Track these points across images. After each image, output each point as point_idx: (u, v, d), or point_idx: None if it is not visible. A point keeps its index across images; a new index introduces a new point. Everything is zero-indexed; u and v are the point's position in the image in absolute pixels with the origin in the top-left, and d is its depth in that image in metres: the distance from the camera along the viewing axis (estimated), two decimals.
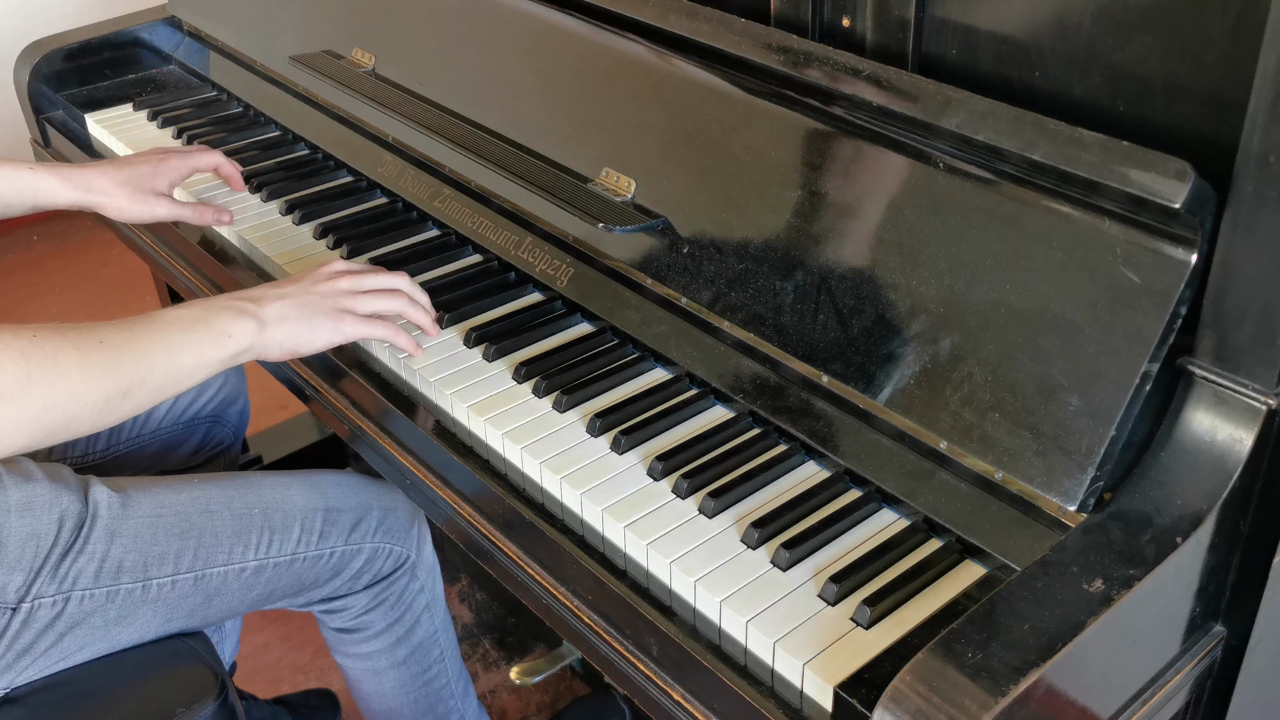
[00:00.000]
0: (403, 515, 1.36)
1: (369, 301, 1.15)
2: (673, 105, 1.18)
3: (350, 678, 1.45)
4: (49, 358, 0.95)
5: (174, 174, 1.41)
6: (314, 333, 1.12)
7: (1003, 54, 1.03)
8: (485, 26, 1.40)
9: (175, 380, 1.04)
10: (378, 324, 1.15)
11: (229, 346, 1.07)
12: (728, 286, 1.08)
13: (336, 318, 1.12)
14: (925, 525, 0.94)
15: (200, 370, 1.06)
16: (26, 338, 0.95)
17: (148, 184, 1.38)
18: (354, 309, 1.14)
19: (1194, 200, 0.81)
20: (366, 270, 1.18)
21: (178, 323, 1.05)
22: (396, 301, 1.17)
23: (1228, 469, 0.83)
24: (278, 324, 1.10)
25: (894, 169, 1.01)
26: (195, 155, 1.45)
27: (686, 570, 0.91)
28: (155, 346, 1.03)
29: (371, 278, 1.17)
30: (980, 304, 0.93)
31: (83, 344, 0.98)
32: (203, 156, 1.45)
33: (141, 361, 1.01)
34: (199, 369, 1.06)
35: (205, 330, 1.06)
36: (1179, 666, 0.90)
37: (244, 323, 1.08)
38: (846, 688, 0.80)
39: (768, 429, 1.05)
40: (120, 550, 1.14)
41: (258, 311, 1.09)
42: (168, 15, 1.87)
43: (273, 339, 1.10)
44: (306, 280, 1.15)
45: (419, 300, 1.19)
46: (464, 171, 1.36)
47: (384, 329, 1.15)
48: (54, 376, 0.95)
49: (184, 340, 1.04)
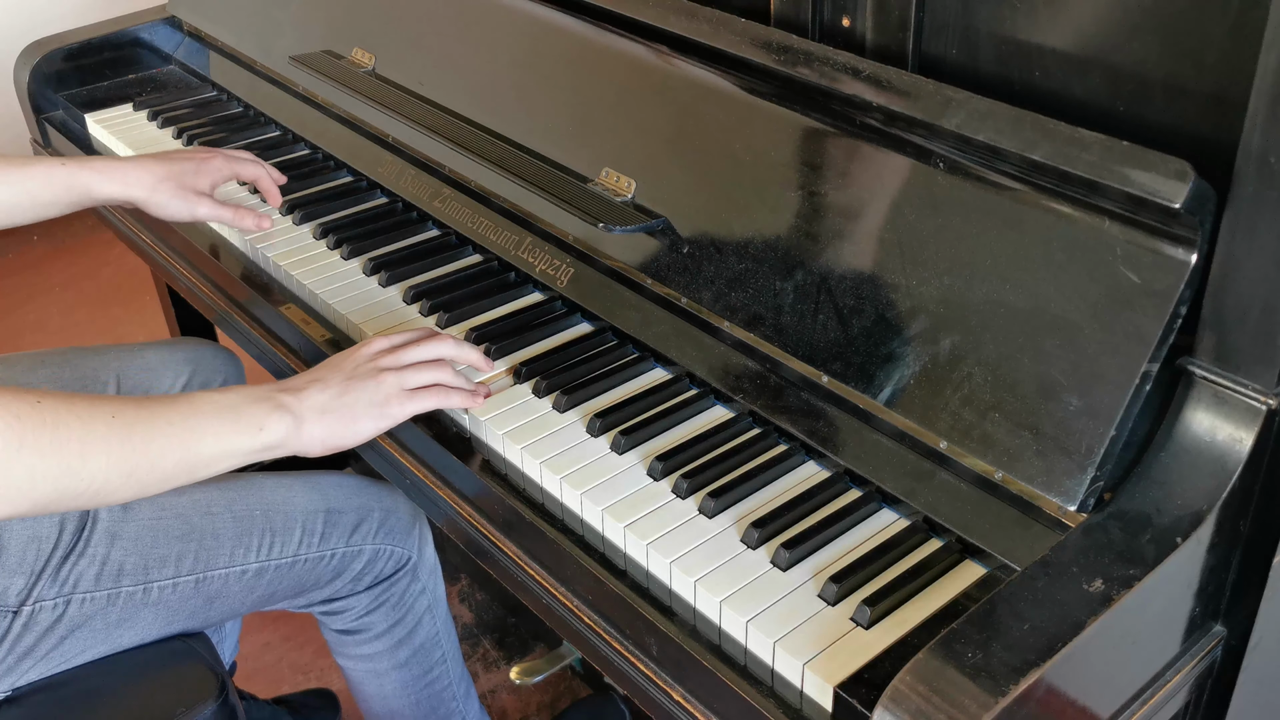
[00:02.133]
0: (404, 516, 1.36)
1: (414, 377, 1.08)
2: (673, 105, 1.18)
3: (352, 679, 1.45)
4: (48, 425, 0.88)
5: (217, 174, 1.38)
6: (357, 423, 1.05)
7: (1003, 54, 1.03)
8: (485, 26, 1.40)
9: (191, 468, 0.97)
10: (424, 395, 1.08)
11: (259, 439, 1.00)
12: (728, 286, 1.08)
13: (381, 404, 1.05)
14: (925, 525, 0.94)
15: (223, 460, 0.99)
16: (29, 402, 0.88)
17: (189, 182, 1.35)
18: (399, 385, 1.07)
19: (1194, 200, 0.81)
20: (407, 343, 1.10)
21: (206, 406, 0.99)
22: (441, 374, 1.09)
23: (1228, 469, 0.83)
24: (316, 419, 1.03)
25: (894, 169, 1.01)
26: (241, 162, 1.41)
27: (686, 570, 0.91)
28: (173, 429, 0.95)
29: (412, 350, 1.09)
30: (980, 304, 0.93)
31: (89, 416, 0.91)
32: (248, 166, 1.41)
33: (152, 442, 0.94)
34: (221, 458, 0.99)
35: (233, 419, 0.99)
36: (1179, 666, 0.90)
37: (279, 417, 1.01)
38: (846, 688, 0.80)
39: (768, 429, 1.05)
40: (121, 553, 1.14)
41: (295, 405, 1.02)
42: (168, 15, 1.87)
43: (311, 436, 1.03)
44: (347, 365, 1.08)
45: (464, 357, 1.13)
46: (464, 171, 1.36)
47: (432, 398, 1.08)
48: (49, 447, 0.88)
49: (208, 426, 0.97)
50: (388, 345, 1.10)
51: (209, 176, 1.37)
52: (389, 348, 1.10)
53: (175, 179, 1.34)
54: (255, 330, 1.38)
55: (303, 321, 1.29)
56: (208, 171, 1.37)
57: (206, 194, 1.37)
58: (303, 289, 1.32)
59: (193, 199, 1.35)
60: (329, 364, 1.09)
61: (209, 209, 1.36)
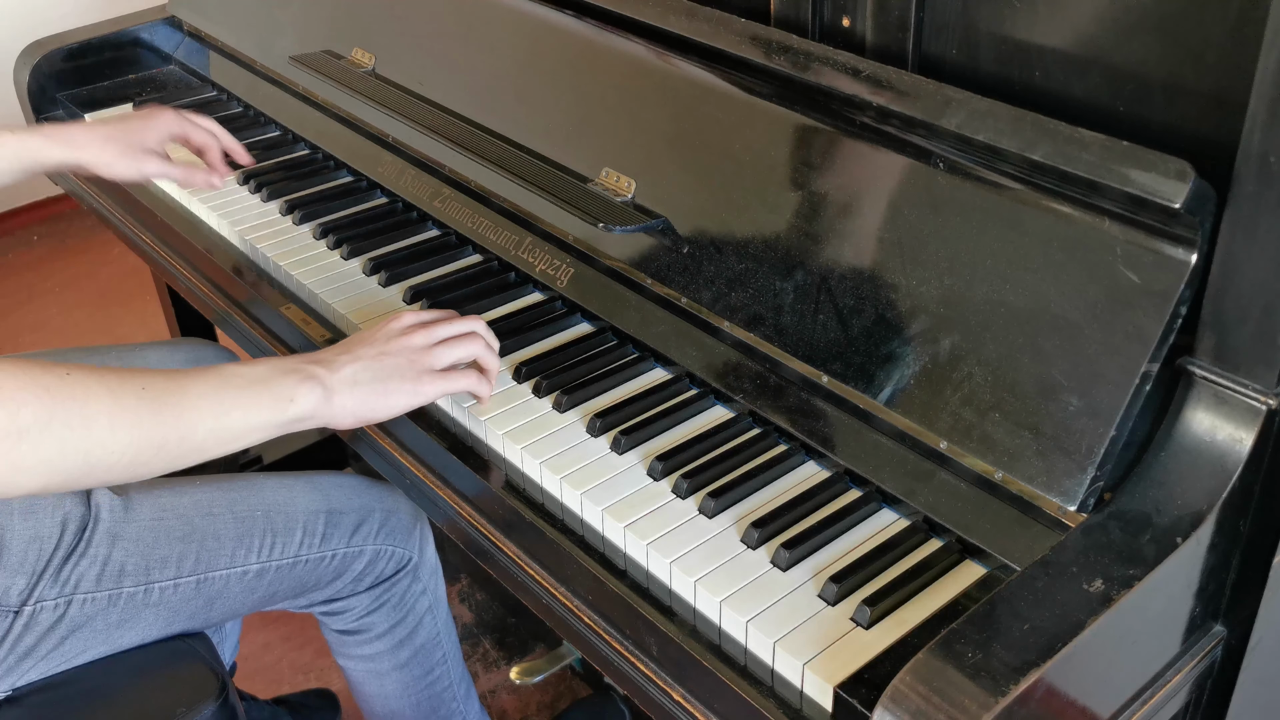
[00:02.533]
0: (405, 517, 1.36)
1: (446, 354, 1.06)
2: (672, 105, 1.18)
3: (353, 680, 1.45)
4: (78, 398, 0.88)
5: (164, 131, 1.38)
6: (390, 398, 1.03)
7: (1003, 54, 1.03)
8: (485, 26, 1.40)
9: (221, 441, 0.96)
10: (457, 377, 1.07)
11: (289, 411, 0.98)
12: (728, 286, 1.08)
13: (415, 379, 1.04)
14: (925, 525, 0.94)
15: (253, 433, 0.97)
16: (58, 375, 0.88)
17: (136, 140, 1.35)
18: (432, 365, 1.05)
19: (1194, 200, 0.81)
20: (439, 319, 1.09)
21: (234, 379, 0.97)
22: (474, 346, 1.08)
23: (1228, 469, 0.83)
24: (348, 391, 1.01)
25: (894, 169, 1.01)
26: (190, 124, 1.41)
27: (686, 570, 0.91)
28: (204, 402, 0.94)
29: (445, 326, 1.08)
30: (980, 304, 0.93)
31: (120, 389, 0.90)
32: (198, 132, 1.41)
33: (184, 415, 0.93)
34: (251, 431, 0.97)
35: (263, 391, 0.98)
36: (1179, 666, 0.90)
37: (309, 388, 0.99)
38: (846, 688, 0.80)
39: (768, 429, 1.05)
40: (122, 553, 1.14)
41: (327, 377, 1.01)
42: (168, 15, 1.87)
43: (343, 407, 1.01)
44: (379, 338, 1.06)
45: (493, 344, 1.12)
46: (464, 171, 1.36)
47: (465, 381, 1.07)
48: (79, 420, 0.88)
49: (237, 399, 0.96)
50: (416, 319, 1.08)
51: (156, 133, 1.37)
52: (419, 322, 1.08)
53: (121, 138, 1.34)
54: (255, 330, 1.38)
55: (303, 321, 1.29)
56: (155, 128, 1.37)
57: (155, 151, 1.36)
58: (302, 289, 1.32)
59: (140, 157, 1.35)
60: (359, 337, 1.07)
61: (157, 167, 1.36)
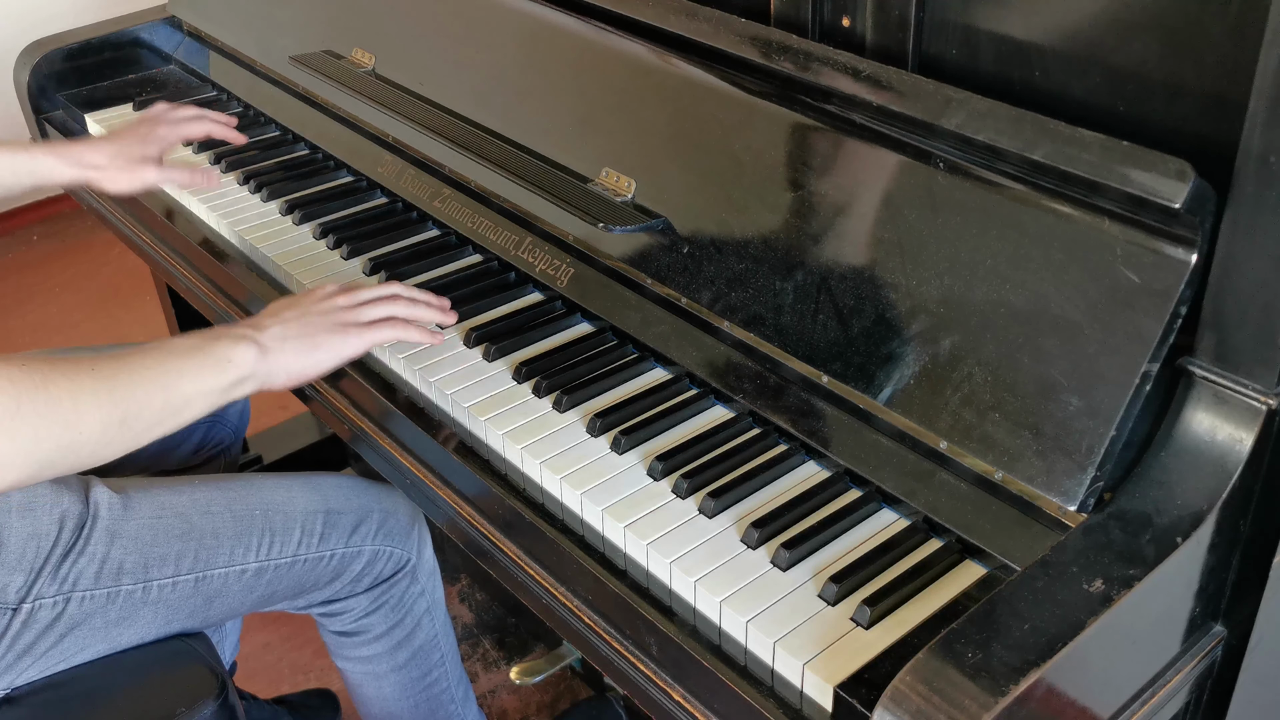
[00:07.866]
0: (403, 518, 1.36)
1: (369, 310, 1.14)
2: (672, 105, 1.18)
3: (350, 681, 1.45)
4: (38, 385, 0.93)
5: (163, 142, 1.45)
6: (319, 351, 1.10)
7: (1003, 54, 1.03)
8: (485, 26, 1.40)
9: (174, 409, 1.02)
10: (383, 327, 1.14)
11: (230, 373, 1.05)
12: (727, 286, 1.08)
13: (341, 331, 1.11)
14: (925, 525, 0.94)
15: (201, 399, 1.03)
16: (15, 365, 0.93)
17: (138, 153, 1.42)
18: (355, 319, 1.13)
19: (1194, 200, 0.81)
20: (359, 285, 1.17)
21: (175, 350, 1.03)
22: (395, 305, 1.16)
23: (1228, 469, 0.83)
24: (279, 346, 1.08)
25: (894, 169, 1.01)
26: (183, 124, 1.48)
27: (686, 570, 0.91)
28: (150, 374, 1.00)
29: (365, 291, 1.16)
30: (980, 304, 0.93)
31: (72, 372, 0.96)
32: (191, 125, 1.49)
33: (136, 389, 0.99)
34: (199, 397, 1.03)
35: (202, 357, 1.04)
36: (1179, 666, 0.90)
37: (243, 348, 1.06)
38: (846, 688, 0.80)
39: (768, 429, 1.05)
40: (121, 551, 1.14)
41: (257, 336, 1.07)
42: (168, 15, 1.87)
43: (277, 363, 1.08)
44: (303, 302, 1.14)
45: (419, 298, 1.19)
46: (464, 171, 1.36)
47: (391, 331, 1.14)
48: (44, 404, 0.92)
49: (181, 367, 1.02)
50: (337, 287, 1.16)
51: (157, 146, 1.44)
52: (341, 288, 1.16)
53: (125, 155, 1.41)
54: None
55: None
56: (155, 141, 1.44)
57: (153, 160, 1.43)
58: (303, 289, 1.32)
59: (140, 169, 1.42)
60: (283, 302, 1.15)
61: (156, 174, 1.43)
